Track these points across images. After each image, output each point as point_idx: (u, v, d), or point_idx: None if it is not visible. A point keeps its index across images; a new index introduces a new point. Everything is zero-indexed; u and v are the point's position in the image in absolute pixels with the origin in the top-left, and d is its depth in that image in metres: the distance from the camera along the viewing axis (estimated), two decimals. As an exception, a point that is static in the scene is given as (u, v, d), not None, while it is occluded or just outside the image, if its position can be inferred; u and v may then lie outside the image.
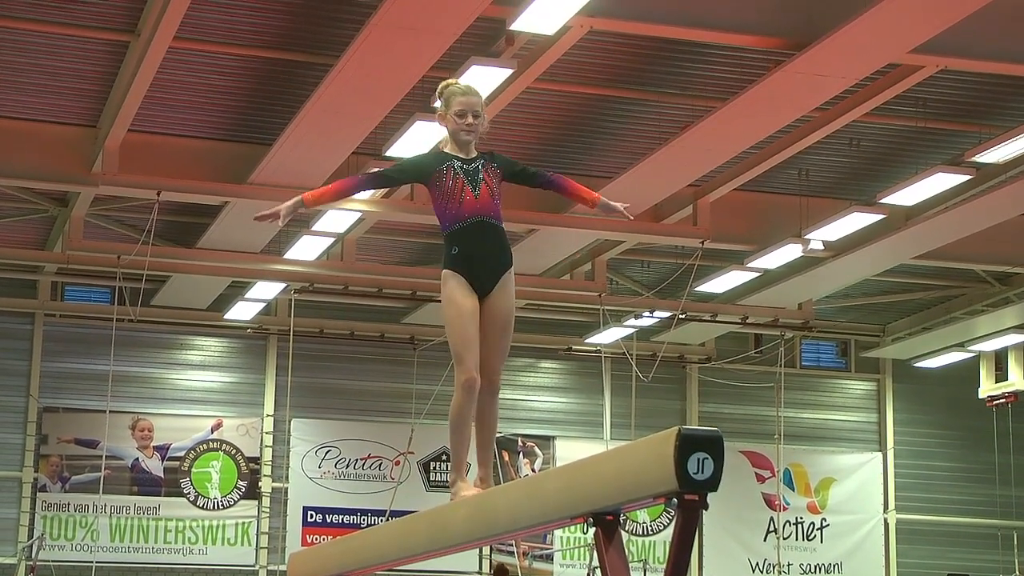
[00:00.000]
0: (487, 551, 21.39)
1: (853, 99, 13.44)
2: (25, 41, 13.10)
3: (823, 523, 22.79)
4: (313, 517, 21.06)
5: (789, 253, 16.92)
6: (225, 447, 20.94)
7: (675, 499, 4.16)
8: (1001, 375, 21.73)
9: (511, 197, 6.36)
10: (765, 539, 22.44)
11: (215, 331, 21.06)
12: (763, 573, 22.42)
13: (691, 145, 14.03)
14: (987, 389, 21.89)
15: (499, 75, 12.19)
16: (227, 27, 12.69)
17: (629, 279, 20.46)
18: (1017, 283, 19.64)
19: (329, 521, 21.05)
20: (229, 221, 16.32)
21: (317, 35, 12.79)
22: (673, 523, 4.29)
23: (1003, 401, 21.70)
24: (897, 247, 17.00)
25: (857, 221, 15.95)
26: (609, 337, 20.66)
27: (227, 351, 21.26)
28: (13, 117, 14.73)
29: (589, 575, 20.63)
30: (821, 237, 16.46)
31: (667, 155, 14.41)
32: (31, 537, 19.44)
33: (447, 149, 6.25)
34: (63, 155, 14.93)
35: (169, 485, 20.66)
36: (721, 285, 18.88)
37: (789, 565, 22.29)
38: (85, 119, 14.76)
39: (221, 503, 20.82)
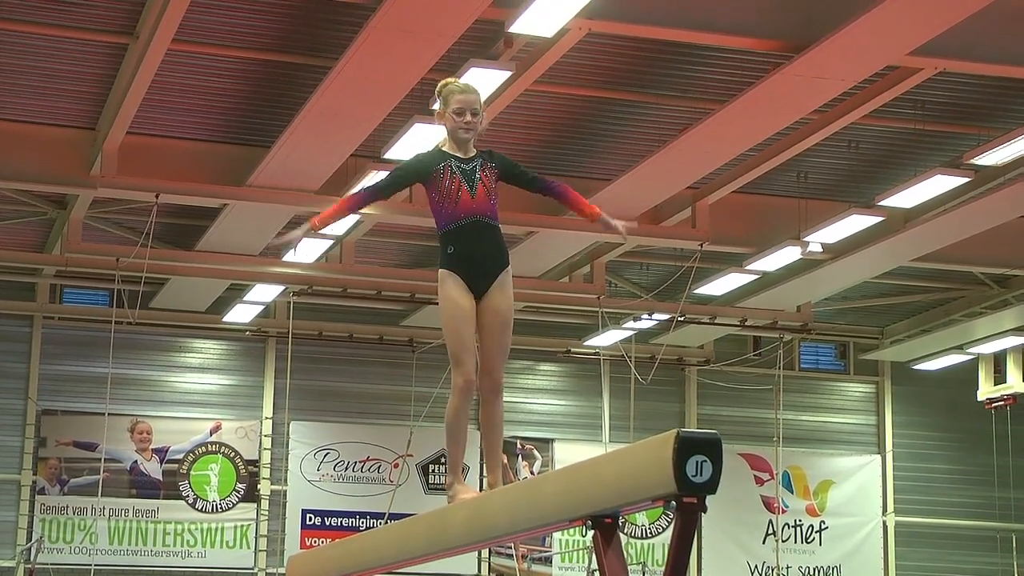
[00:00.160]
0: (486, 554, 21.38)
1: (852, 101, 13.44)
2: (24, 43, 13.09)
3: (822, 526, 22.77)
4: (312, 520, 21.04)
5: (788, 255, 16.92)
6: (224, 450, 20.92)
7: (674, 502, 4.17)
8: (1000, 377, 21.73)
9: (510, 199, 6.36)
10: (764, 542, 22.43)
11: (214, 334, 21.05)
12: (762, 576, 22.44)
13: (690, 147, 14.03)
14: (986, 391, 21.89)
15: (498, 77, 12.19)
16: (226, 29, 12.69)
17: (628, 281, 20.45)
18: (1016, 285, 19.64)
19: (328, 524, 21.03)
20: (228, 223, 16.31)
21: (316, 37, 12.79)
22: (672, 526, 4.29)
23: (1002, 403, 21.70)
24: (896, 249, 17.00)
25: (856, 223, 15.95)
26: (608, 339, 20.65)
27: (226, 354, 21.25)
28: (12, 119, 14.73)
29: (588, 578, 20.63)
30: (820, 239, 16.46)
31: (666, 157, 14.41)
32: (30, 540, 19.42)
33: (445, 148, 6.23)
34: (62, 157, 14.92)
35: (168, 488, 20.64)
36: (720, 287, 18.87)
37: (788, 568, 22.28)
38: (84, 121, 14.76)
39: (220, 506, 20.80)
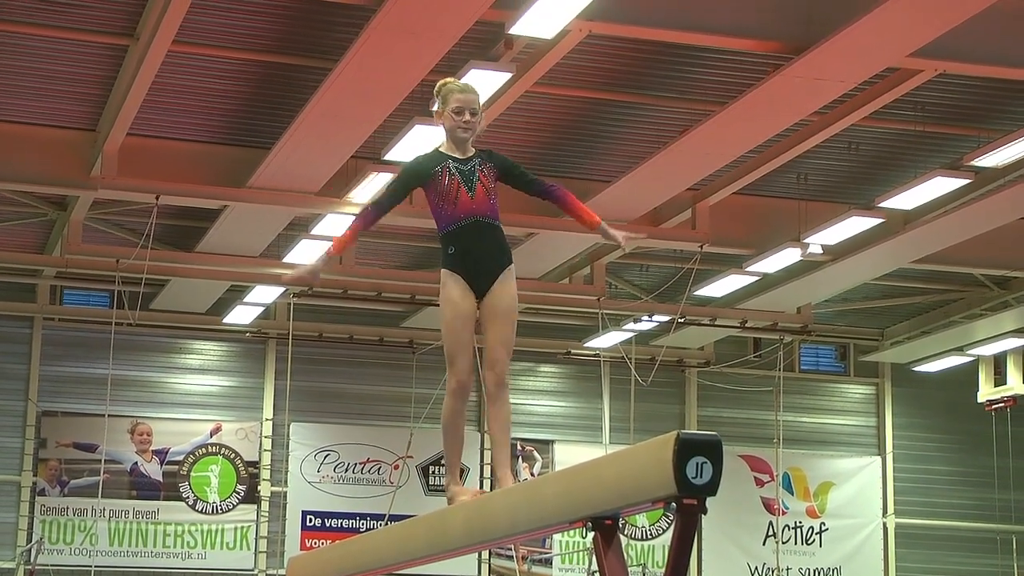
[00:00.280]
0: (486, 555, 21.38)
1: (852, 103, 13.44)
2: (24, 45, 13.10)
3: (822, 527, 22.77)
4: (312, 521, 21.04)
5: (788, 257, 16.92)
6: (224, 451, 20.92)
7: (674, 503, 4.16)
8: (1000, 379, 21.73)
9: (510, 200, 6.35)
10: (764, 543, 22.43)
11: (214, 335, 21.05)
12: (762, 577, 22.44)
13: (690, 149, 14.04)
14: (986, 393, 21.89)
15: (498, 79, 12.19)
16: (226, 31, 12.69)
17: (628, 283, 20.45)
18: (1016, 287, 19.63)
19: (328, 525, 21.03)
20: (228, 225, 16.31)
21: (316, 39, 12.79)
22: (672, 527, 4.29)
23: (1002, 405, 21.69)
24: (896, 251, 17.00)
25: (856, 225, 15.95)
26: (608, 341, 20.65)
27: (226, 355, 21.25)
28: (12, 121, 14.73)
29: (588, 579, 20.63)
30: (820, 241, 16.46)
31: (666, 159, 14.42)
32: (30, 541, 19.43)
33: (443, 149, 6.22)
34: (62, 159, 14.93)
35: (168, 489, 20.64)
36: (720, 289, 18.87)
37: (788, 569, 22.27)
38: (84, 123, 14.76)
39: (220, 507, 20.80)
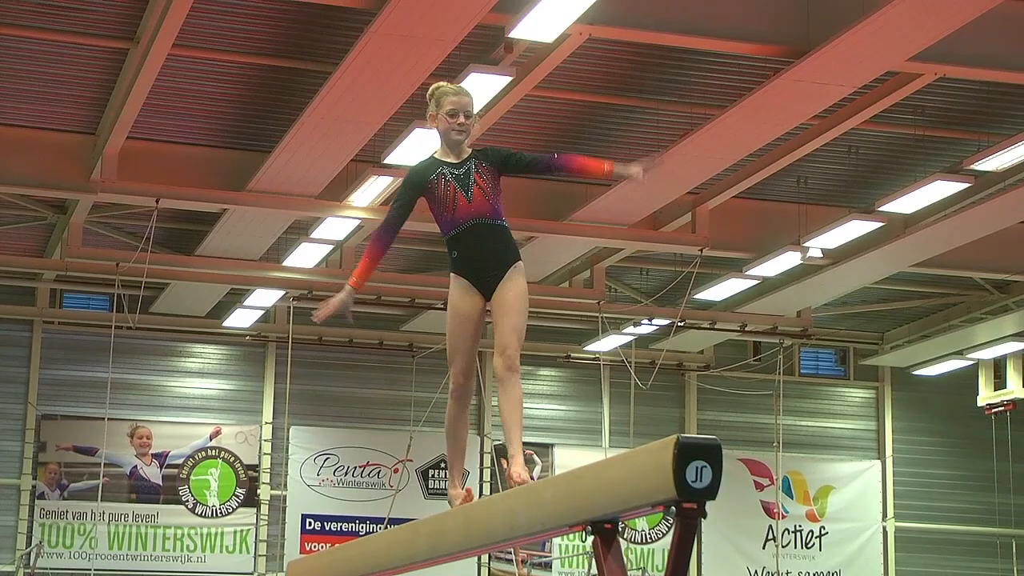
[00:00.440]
0: (485, 559, 21.37)
1: (852, 107, 13.44)
2: (24, 48, 13.10)
3: (822, 531, 22.77)
4: (311, 525, 21.04)
5: (788, 261, 16.92)
6: (224, 454, 20.92)
7: (673, 507, 4.16)
8: (1000, 383, 21.74)
9: (510, 204, 6.33)
10: (764, 547, 22.42)
11: (214, 338, 21.06)
12: (762, 581, 22.43)
13: (690, 153, 14.04)
14: (986, 397, 21.90)
15: (498, 83, 12.19)
16: (226, 34, 12.69)
17: (628, 287, 20.45)
18: (1016, 291, 19.64)
19: (327, 529, 21.03)
20: (228, 228, 16.32)
21: (316, 43, 12.79)
22: (672, 531, 4.29)
23: (1002, 409, 21.70)
24: (896, 255, 17.00)
25: (856, 229, 15.94)
26: (608, 345, 20.65)
27: (226, 358, 21.25)
28: (12, 124, 14.73)
29: (588, 583, 20.62)
30: (820, 245, 16.46)
31: (666, 162, 14.41)
32: (29, 545, 19.43)
33: (438, 155, 6.22)
34: (62, 162, 14.93)
35: (167, 493, 20.64)
36: (720, 293, 18.87)
37: (788, 573, 22.27)
38: (84, 126, 14.77)
39: (219, 511, 20.80)
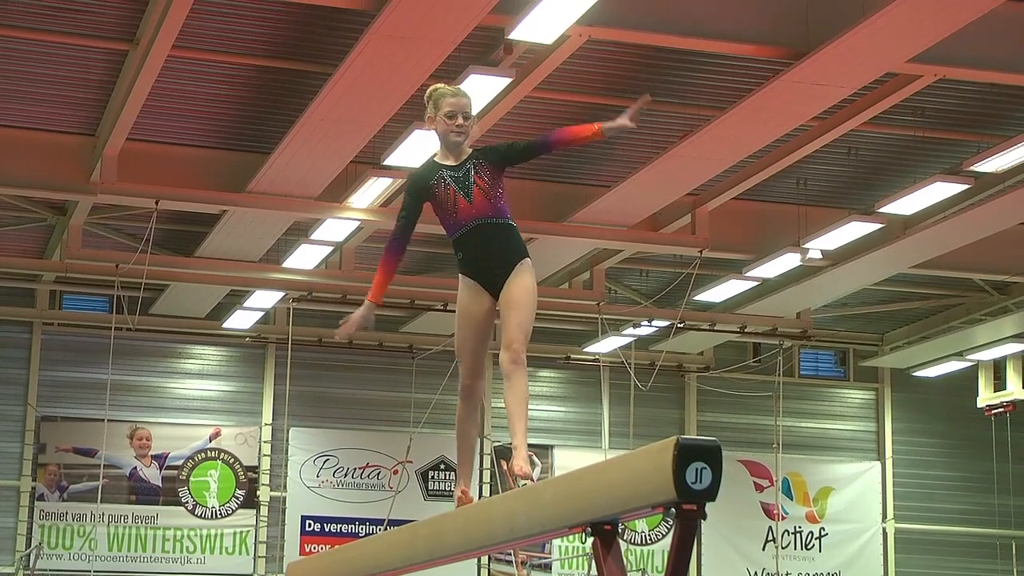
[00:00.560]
0: (485, 560, 21.37)
1: (851, 108, 13.45)
2: (24, 50, 13.10)
3: (822, 532, 22.77)
4: (311, 526, 21.04)
5: (787, 262, 16.93)
6: (223, 456, 20.92)
7: (673, 509, 4.16)
8: (999, 384, 21.75)
9: (509, 206, 6.32)
10: (764, 548, 22.43)
11: (213, 340, 21.06)
12: (762, 582, 22.44)
13: (689, 154, 14.04)
14: (985, 398, 21.91)
15: (498, 84, 12.20)
16: (226, 36, 12.69)
17: (627, 288, 20.46)
18: (1015, 292, 19.65)
19: (327, 530, 21.03)
20: (227, 230, 16.32)
21: (316, 44, 12.79)
22: (671, 532, 4.29)
23: (1001, 410, 21.71)
24: (895, 256, 17.00)
25: (855, 230, 15.95)
26: (607, 346, 20.65)
27: (225, 360, 21.25)
28: (12, 126, 14.73)
29: (587, 584, 20.61)
30: (819, 246, 16.47)
31: (665, 164, 14.42)
32: (29, 546, 19.43)
33: (437, 158, 6.23)
34: (62, 164, 14.93)
35: (167, 494, 20.64)
36: (719, 294, 18.88)
37: (788, 574, 22.27)
38: (84, 128, 14.77)
39: (219, 512, 20.80)
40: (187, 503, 20.69)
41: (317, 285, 18.45)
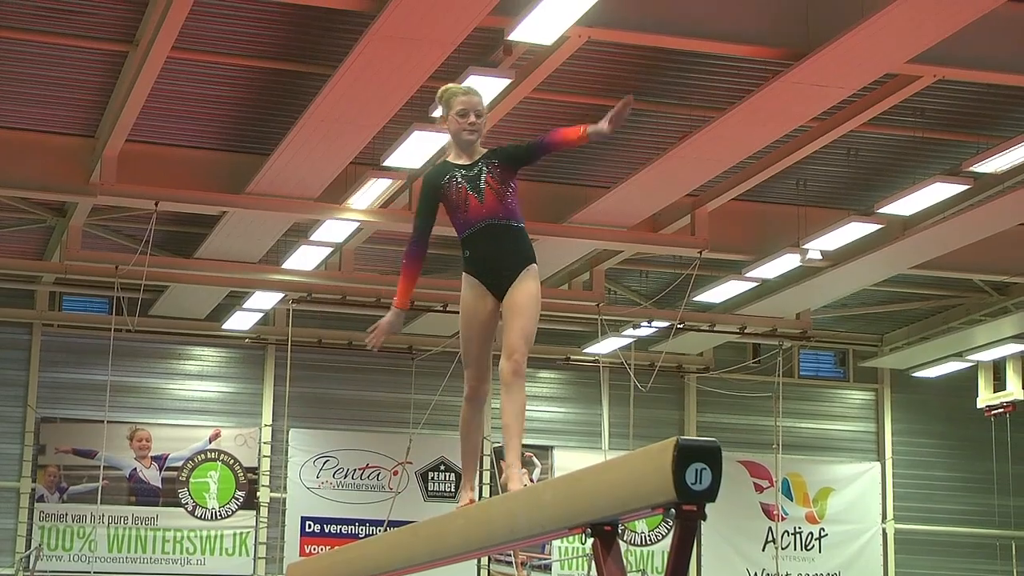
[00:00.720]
0: (485, 561, 21.37)
1: (851, 109, 13.44)
2: (24, 51, 13.10)
3: (821, 533, 22.77)
4: (311, 527, 21.03)
5: (787, 263, 16.93)
6: (223, 457, 20.92)
7: (673, 510, 4.16)
8: (999, 385, 21.75)
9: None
10: (764, 549, 22.42)
11: (213, 341, 21.05)
12: (761, 583, 22.43)
13: (689, 155, 14.04)
14: (985, 399, 21.91)
15: (497, 85, 12.20)
16: (225, 37, 12.69)
17: (627, 289, 20.45)
18: (1015, 293, 19.64)
19: (327, 531, 21.02)
20: (227, 231, 16.32)
21: (315, 45, 12.79)
22: (671, 533, 4.29)
23: (1001, 411, 21.70)
24: (895, 257, 17.00)
25: (855, 231, 15.95)
26: (607, 347, 20.65)
27: (225, 361, 21.24)
28: (11, 127, 14.73)
29: (587, 585, 20.61)
30: (819, 247, 16.47)
31: (665, 165, 14.42)
32: (29, 548, 19.42)
33: (450, 158, 6.20)
34: (61, 165, 14.93)
35: (167, 495, 20.63)
36: (719, 295, 18.88)
37: (788, 575, 22.27)
38: (83, 129, 14.77)
39: (219, 513, 20.79)
40: (187, 504, 20.68)
41: (317, 286, 18.45)
